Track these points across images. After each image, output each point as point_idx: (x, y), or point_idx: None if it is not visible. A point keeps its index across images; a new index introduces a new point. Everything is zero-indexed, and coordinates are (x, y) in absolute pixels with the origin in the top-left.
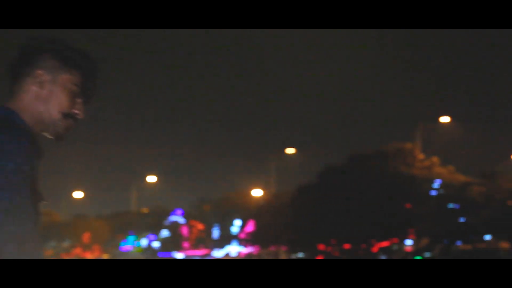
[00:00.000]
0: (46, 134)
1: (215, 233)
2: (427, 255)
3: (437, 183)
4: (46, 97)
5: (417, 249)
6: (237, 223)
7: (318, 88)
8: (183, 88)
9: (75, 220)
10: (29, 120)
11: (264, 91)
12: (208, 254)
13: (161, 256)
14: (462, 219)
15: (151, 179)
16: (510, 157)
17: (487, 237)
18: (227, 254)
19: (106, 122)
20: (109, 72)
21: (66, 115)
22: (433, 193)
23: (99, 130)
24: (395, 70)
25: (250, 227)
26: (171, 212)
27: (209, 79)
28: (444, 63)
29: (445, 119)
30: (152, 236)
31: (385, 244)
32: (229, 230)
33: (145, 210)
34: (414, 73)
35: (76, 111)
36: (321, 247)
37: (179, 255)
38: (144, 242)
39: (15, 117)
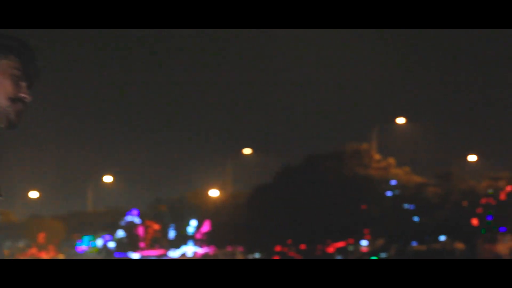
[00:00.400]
0: None
1: (171, 233)
2: (383, 255)
3: (393, 184)
4: None
5: (372, 250)
6: (193, 223)
7: (275, 89)
8: (141, 88)
9: (30, 220)
10: None
11: (221, 91)
12: (164, 255)
13: (117, 256)
14: (417, 220)
15: (107, 179)
16: (465, 158)
17: (442, 238)
18: (183, 255)
19: (62, 121)
20: (66, 72)
21: (14, 100)
22: (389, 193)
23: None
24: (352, 71)
25: (206, 227)
26: (127, 212)
27: (167, 79)
28: (399, 64)
29: (401, 120)
30: (107, 236)
31: (341, 244)
32: (185, 231)
33: (100, 210)
34: (370, 74)
35: (23, 95)
36: (278, 247)
37: (135, 255)
38: (99, 242)
39: None
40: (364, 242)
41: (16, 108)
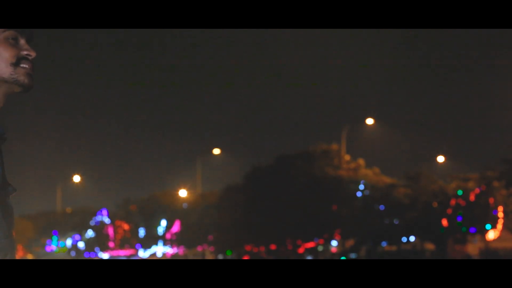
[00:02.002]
0: (13, 91)
1: (141, 233)
2: (353, 256)
3: (362, 185)
4: None
5: (343, 250)
6: (163, 223)
7: (245, 89)
8: (111, 87)
9: None
10: None
11: (191, 91)
12: (134, 255)
13: (87, 256)
14: (387, 221)
15: (76, 178)
16: (434, 159)
17: (412, 238)
18: (153, 254)
19: (31, 120)
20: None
21: (18, 62)
22: (359, 194)
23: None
24: (322, 71)
25: (176, 227)
26: (96, 212)
27: (136, 78)
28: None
29: (370, 121)
30: (77, 236)
31: (311, 245)
32: (155, 231)
33: (70, 210)
34: (340, 74)
35: (25, 53)
36: (247, 247)
37: (105, 255)
38: (69, 242)
39: None
40: (334, 243)
41: (23, 69)
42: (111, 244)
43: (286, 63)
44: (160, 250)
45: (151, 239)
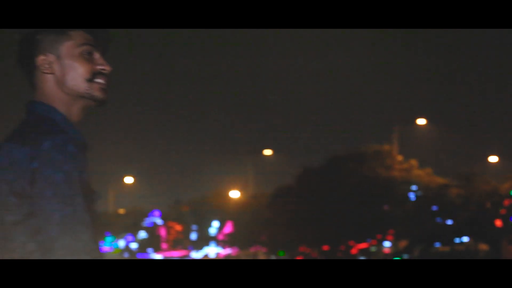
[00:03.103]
0: (88, 105)
1: (193, 234)
2: (406, 256)
3: (415, 185)
4: (62, 76)
5: (395, 251)
6: (215, 224)
7: (296, 90)
8: (160, 89)
9: None
10: (63, 108)
11: (242, 92)
12: (186, 256)
13: (140, 257)
14: (440, 221)
15: (128, 180)
16: (486, 159)
17: (465, 239)
18: (205, 256)
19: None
20: None
21: (93, 77)
22: (411, 195)
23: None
24: (372, 72)
25: (229, 228)
26: (148, 213)
27: (188, 79)
28: (420, 65)
29: (421, 121)
30: (129, 237)
31: (363, 245)
32: (207, 232)
33: (122, 211)
34: (391, 75)
35: (100, 67)
36: (300, 248)
37: (157, 256)
38: (121, 243)
39: (54, 114)
40: (387, 243)
41: (98, 85)
42: (163, 245)
43: (338, 64)
44: (212, 251)
45: (203, 240)
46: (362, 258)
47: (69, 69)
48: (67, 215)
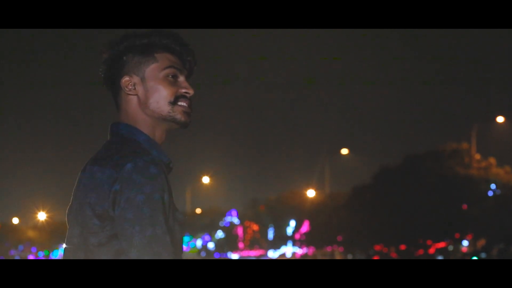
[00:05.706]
0: (171, 128)
1: (270, 233)
2: (484, 256)
3: (494, 184)
4: (146, 98)
5: (473, 250)
6: (292, 223)
7: (372, 89)
8: (236, 89)
9: None
10: (147, 130)
11: (318, 90)
12: (263, 255)
13: (217, 257)
14: None
15: (205, 180)
16: None
17: None
18: (282, 255)
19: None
20: None
21: (176, 100)
22: (490, 193)
23: None
24: (451, 70)
25: (305, 227)
26: (225, 213)
27: (265, 80)
28: (499, 62)
29: (500, 119)
30: (207, 237)
31: (441, 245)
32: (284, 231)
33: (199, 210)
34: (470, 73)
35: (183, 90)
36: (377, 247)
37: (234, 256)
38: (199, 242)
39: (138, 135)
40: (465, 243)
41: (181, 108)
42: (240, 245)
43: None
44: (289, 250)
45: (280, 240)
46: (439, 257)
47: (152, 91)
48: (147, 237)
